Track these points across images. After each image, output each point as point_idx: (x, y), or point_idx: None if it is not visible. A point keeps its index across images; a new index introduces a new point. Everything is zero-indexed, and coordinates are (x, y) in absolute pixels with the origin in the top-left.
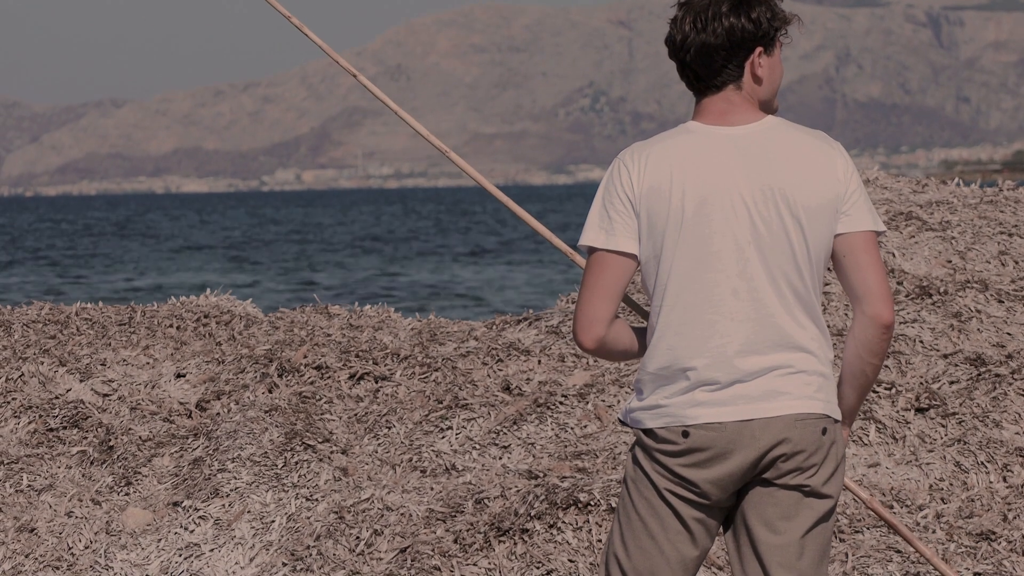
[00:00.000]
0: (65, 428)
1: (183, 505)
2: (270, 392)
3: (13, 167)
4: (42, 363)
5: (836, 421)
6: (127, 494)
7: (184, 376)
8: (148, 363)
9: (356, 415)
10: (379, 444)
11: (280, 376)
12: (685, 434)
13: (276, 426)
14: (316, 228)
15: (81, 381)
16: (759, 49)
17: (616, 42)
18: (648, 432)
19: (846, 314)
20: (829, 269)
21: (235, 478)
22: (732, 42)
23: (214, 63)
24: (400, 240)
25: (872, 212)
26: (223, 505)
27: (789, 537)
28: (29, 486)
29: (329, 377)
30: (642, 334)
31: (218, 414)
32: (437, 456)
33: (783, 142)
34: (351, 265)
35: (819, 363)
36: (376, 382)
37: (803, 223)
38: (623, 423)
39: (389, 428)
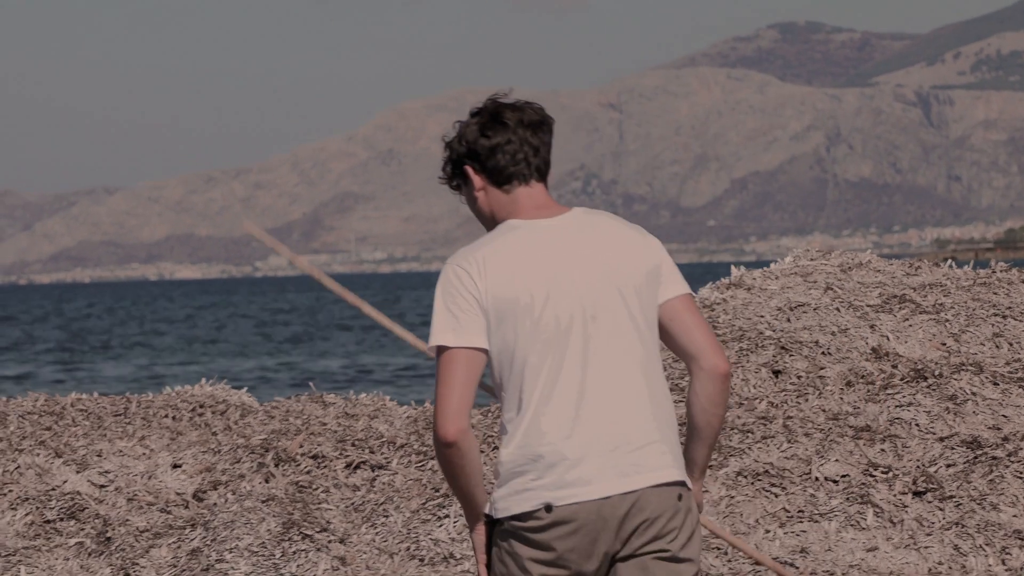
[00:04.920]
0: (62, 520)
1: None
2: (267, 482)
3: (6, 255)
4: (38, 454)
5: (689, 488)
6: None
7: (180, 466)
8: (144, 453)
9: (353, 504)
10: (377, 533)
11: (276, 466)
12: (548, 509)
13: (273, 516)
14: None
15: (77, 472)
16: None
17: (606, 124)
18: (513, 516)
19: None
20: None
21: (233, 568)
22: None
23: (205, 149)
24: None
25: (682, 277)
26: None
27: None
28: None
29: (325, 466)
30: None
31: (215, 504)
32: (435, 544)
33: (600, 227)
34: None
35: (669, 431)
36: (372, 471)
37: (639, 297)
38: (488, 516)
39: (386, 517)
